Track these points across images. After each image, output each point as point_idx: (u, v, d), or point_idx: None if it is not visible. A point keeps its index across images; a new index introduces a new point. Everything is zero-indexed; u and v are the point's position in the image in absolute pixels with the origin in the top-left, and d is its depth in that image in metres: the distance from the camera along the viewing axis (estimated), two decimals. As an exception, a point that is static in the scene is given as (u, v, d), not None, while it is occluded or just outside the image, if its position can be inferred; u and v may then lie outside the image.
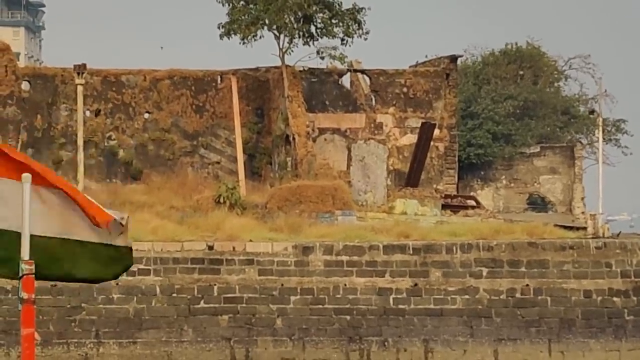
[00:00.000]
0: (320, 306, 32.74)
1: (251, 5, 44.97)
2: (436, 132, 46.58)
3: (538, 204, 52.20)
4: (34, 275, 6.44)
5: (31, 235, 6.51)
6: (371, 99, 47.86)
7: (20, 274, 6.44)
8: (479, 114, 53.82)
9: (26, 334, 6.62)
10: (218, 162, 46.35)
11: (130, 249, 7.29)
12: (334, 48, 44.66)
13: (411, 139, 46.65)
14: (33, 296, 6.49)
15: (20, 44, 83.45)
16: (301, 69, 46.52)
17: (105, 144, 45.97)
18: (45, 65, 61.35)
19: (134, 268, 31.40)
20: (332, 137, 46.89)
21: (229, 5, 45.21)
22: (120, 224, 6.92)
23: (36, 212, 6.61)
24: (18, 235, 6.53)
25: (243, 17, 44.54)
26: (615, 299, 33.38)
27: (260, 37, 45.02)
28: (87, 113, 44.34)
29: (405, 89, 47.62)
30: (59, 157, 43.66)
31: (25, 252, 6.43)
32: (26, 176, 6.50)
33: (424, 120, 46.52)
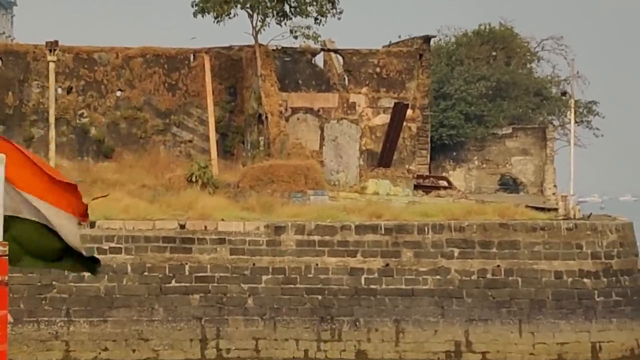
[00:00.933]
0: (292, 286, 32.74)
1: None
2: (409, 112, 46.48)
3: (510, 185, 52.47)
4: (7, 257, 6.46)
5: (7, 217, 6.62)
6: (344, 79, 47.66)
7: None
8: (452, 95, 54.08)
9: None
10: (190, 141, 46.33)
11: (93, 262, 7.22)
12: (308, 27, 44.41)
13: (384, 119, 46.57)
14: (6, 278, 6.48)
15: None
16: (274, 48, 46.13)
17: (77, 121, 45.75)
18: (17, 42, 61.35)
19: (105, 246, 32.84)
20: (304, 116, 46.73)
21: None
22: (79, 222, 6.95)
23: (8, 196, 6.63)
24: None
25: None
26: (585, 280, 33.44)
27: (234, 16, 44.50)
28: (59, 90, 43.84)
29: (378, 69, 47.63)
30: (31, 135, 43.80)
31: None
32: (1, 157, 6.48)
33: (396, 101, 46.40)
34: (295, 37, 45.30)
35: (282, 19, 44.39)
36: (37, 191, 6.87)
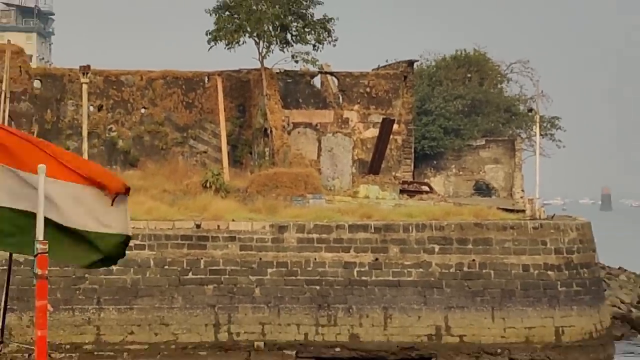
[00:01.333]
0: (294, 277, 34.06)
1: (235, 16, 45.99)
2: (395, 127, 47.58)
3: (483, 189, 53.24)
4: (47, 254, 6.44)
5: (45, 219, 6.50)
6: (339, 98, 48.64)
7: (35, 253, 6.45)
8: (432, 111, 54.89)
9: (40, 305, 6.71)
10: (205, 152, 47.08)
11: (124, 234, 6.97)
12: (307, 53, 46.02)
13: (373, 132, 47.61)
14: (46, 272, 6.50)
15: (33, 48, 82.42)
16: (278, 71, 47.55)
17: (107, 135, 46.75)
18: (55, 66, 62.69)
19: (131, 244, 35.48)
20: (304, 130, 47.72)
21: (215, 15, 46.34)
22: (125, 195, 6.81)
23: (50, 201, 6.55)
24: (34, 215, 6.51)
25: (228, 26, 45.66)
26: (549, 272, 34.97)
27: (242, 43, 46.02)
28: (91, 108, 45.03)
29: (368, 89, 48.67)
30: (66, 147, 41.51)
31: (40, 233, 6.44)
32: (41, 167, 6.52)
33: (384, 117, 47.53)
34: (296, 62, 46.61)
35: (284, 46, 46.03)
36: (62, 175, 6.70)
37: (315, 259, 34.46)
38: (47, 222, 6.38)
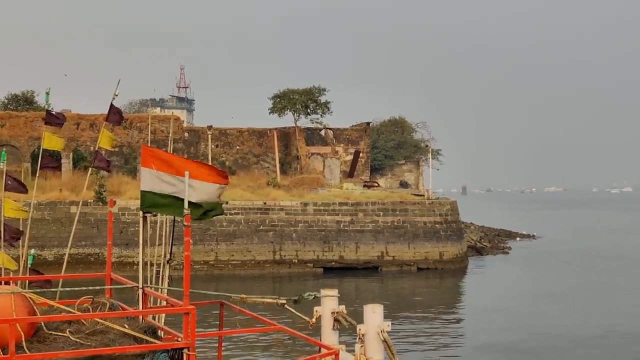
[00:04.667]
0: (312, 228, 38.62)
1: (282, 100, 50.94)
2: (361, 154, 52.41)
3: (404, 185, 55.13)
4: (189, 215, 6.82)
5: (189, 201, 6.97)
6: (333, 140, 52.52)
7: (184, 214, 6.89)
8: (379, 147, 56.66)
9: (186, 240, 6.94)
10: (268, 167, 50.74)
11: (221, 204, 7.52)
12: (317, 119, 51.79)
13: (350, 157, 52.55)
14: (189, 223, 6.79)
15: (184, 116, 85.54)
16: (303, 127, 51.63)
17: (220, 159, 49.92)
18: (194, 125, 68.55)
19: (230, 211, 36.56)
20: (316, 157, 52.02)
21: (272, 100, 51.64)
22: (222, 188, 7.24)
23: (191, 190, 7.05)
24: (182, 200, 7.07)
25: (278, 106, 51.06)
26: (437, 225, 40.50)
27: (285, 113, 51.36)
28: (213, 146, 48.55)
29: (348, 136, 53.28)
30: None
31: (186, 205, 6.97)
32: (187, 173, 7.01)
33: (355, 149, 52.13)
34: (312, 122, 51.67)
35: (307, 115, 51.26)
36: (193, 174, 7.03)
37: (322, 219, 38.96)
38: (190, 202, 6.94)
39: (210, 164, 13.18)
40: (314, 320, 8.97)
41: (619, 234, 70.99)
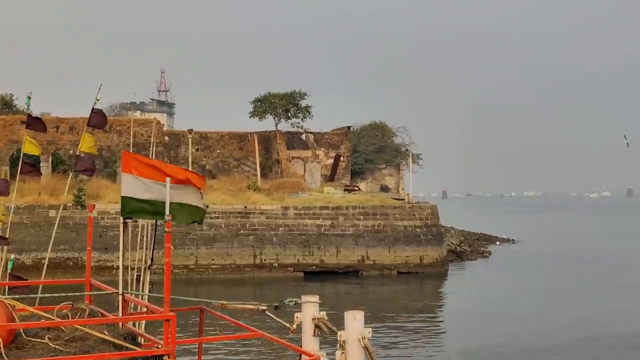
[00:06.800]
0: (293, 232, 38.39)
1: (263, 104, 50.80)
2: (342, 158, 52.13)
3: (384, 189, 54.58)
4: (170, 220, 6.82)
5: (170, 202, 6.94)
6: (314, 144, 52.33)
7: (165, 220, 6.91)
8: (360, 151, 56.17)
9: (167, 245, 6.98)
10: (249, 171, 50.49)
11: (204, 208, 7.54)
12: (298, 123, 51.75)
13: (331, 161, 52.22)
14: (170, 229, 6.81)
15: (164, 120, 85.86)
16: (284, 131, 51.53)
17: (200, 163, 49.96)
18: (174, 129, 68.35)
19: (210, 215, 35.85)
20: (297, 160, 51.78)
21: (253, 103, 51.51)
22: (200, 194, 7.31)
23: (172, 194, 7.07)
24: (163, 203, 7.07)
25: (260, 110, 50.84)
26: (417, 229, 40.08)
27: (266, 117, 51.17)
28: (193, 150, 48.22)
29: (329, 140, 52.99)
30: None
31: (167, 210, 6.94)
32: (168, 179, 7.06)
33: (336, 153, 51.96)
34: (293, 126, 51.58)
35: (287, 119, 51.22)
36: (176, 180, 7.09)
37: (303, 223, 38.62)
38: (171, 203, 6.96)
39: (190, 167, 13.27)
40: (294, 326, 8.86)
41: (597, 238, 71.95)
